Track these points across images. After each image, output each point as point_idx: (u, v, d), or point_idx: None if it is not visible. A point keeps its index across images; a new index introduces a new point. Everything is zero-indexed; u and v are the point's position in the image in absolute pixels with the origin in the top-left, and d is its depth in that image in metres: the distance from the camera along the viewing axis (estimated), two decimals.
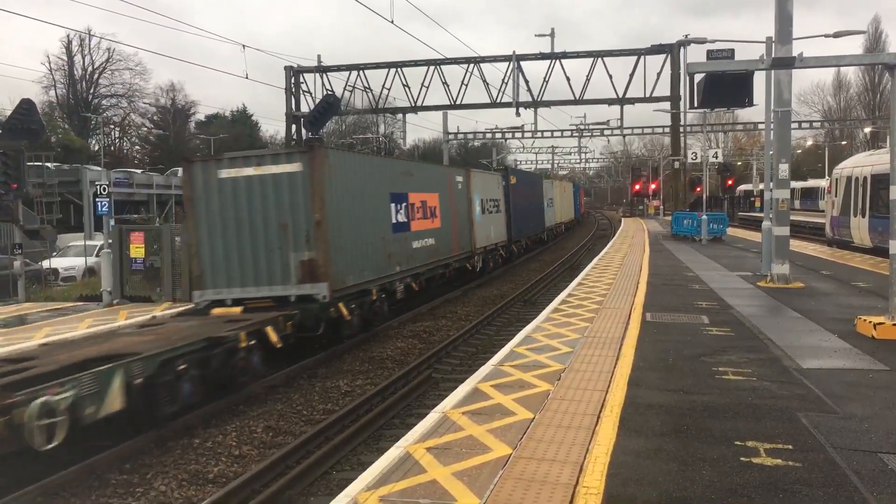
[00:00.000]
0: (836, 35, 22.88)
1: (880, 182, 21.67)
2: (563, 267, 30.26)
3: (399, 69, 45.85)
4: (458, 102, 45.74)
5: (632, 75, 43.02)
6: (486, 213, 27.31)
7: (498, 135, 58.98)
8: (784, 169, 15.61)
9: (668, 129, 50.09)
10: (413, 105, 46.61)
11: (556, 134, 57.75)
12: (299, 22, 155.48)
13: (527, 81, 44.50)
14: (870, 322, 10.24)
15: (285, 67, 47.81)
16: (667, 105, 43.68)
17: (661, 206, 64.60)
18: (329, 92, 46.09)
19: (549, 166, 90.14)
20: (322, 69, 47.61)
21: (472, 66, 44.78)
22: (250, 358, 11.41)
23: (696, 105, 13.45)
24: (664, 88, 43.42)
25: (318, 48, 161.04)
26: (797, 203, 62.15)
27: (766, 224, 18.28)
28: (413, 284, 18.74)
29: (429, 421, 6.75)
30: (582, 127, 58.35)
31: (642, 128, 57.04)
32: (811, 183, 66.43)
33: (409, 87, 46.03)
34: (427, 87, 45.58)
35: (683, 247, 28.22)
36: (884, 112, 66.17)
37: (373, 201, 16.41)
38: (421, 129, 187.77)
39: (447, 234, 22.01)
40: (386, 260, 16.82)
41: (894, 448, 5.84)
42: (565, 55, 44.01)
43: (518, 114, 45.75)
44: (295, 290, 13.69)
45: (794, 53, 14.41)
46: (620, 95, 43.72)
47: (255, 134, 79.05)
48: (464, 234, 24.04)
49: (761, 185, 42.76)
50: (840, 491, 5.04)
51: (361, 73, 46.79)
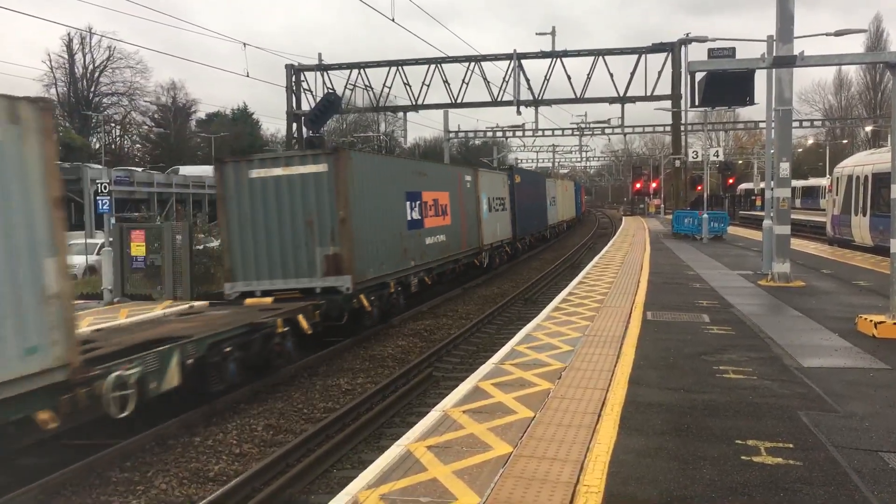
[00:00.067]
0: (838, 34, 22.87)
1: (881, 181, 21.64)
2: (563, 265, 30.26)
3: (400, 67, 45.85)
4: (458, 101, 45.73)
5: (633, 74, 43.03)
6: (492, 211, 28.19)
7: (499, 133, 58.92)
8: (785, 168, 15.60)
9: (668, 128, 50.07)
10: (414, 103, 46.60)
11: (556, 132, 57.76)
12: (299, 21, 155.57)
13: (528, 80, 44.54)
14: (870, 321, 10.24)
15: (286, 66, 47.81)
16: (668, 104, 43.66)
17: (662, 205, 64.60)
18: (330, 90, 46.13)
19: (550, 165, 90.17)
20: (323, 67, 47.60)
21: (472, 64, 44.77)
22: (284, 343, 12.33)
23: (696, 104, 13.42)
24: (665, 87, 43.43)
25: (319, 47, 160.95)
26: (798, 202, 62.11)
27: (766, 223, 18.27)
28: (426, 279, 19.64)
29: (429, 419, 6.75)
30: (583, 125, 58.29)
31: (643, 126, 56.93)
32: (812, 182, 66.39)
33: (410, 86, 46.04)
34: (428, 86, 45.59)
35: (684, 245, 28.21)
36: (885, 111, 66.10)
37: (390, 200, 17.40)
38: (422, 128, 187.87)
39: (457, 231, 22.86)
40: (402, 255, 17.79)
41: (895, 447, 5.84)
42: (566, 54, 44.00)
43: (519, 112, 45.79)
44: (320, 282, 14.67)
45: (796, 52, 14.40)
46: (621, 94, 43.71)
47: (256, 132, 79.06)
48: (472, 231, 24.90)
49: (762, 184, 42.76)
50: (841, 490, 5.04)
51: (362, 71, 46.78)
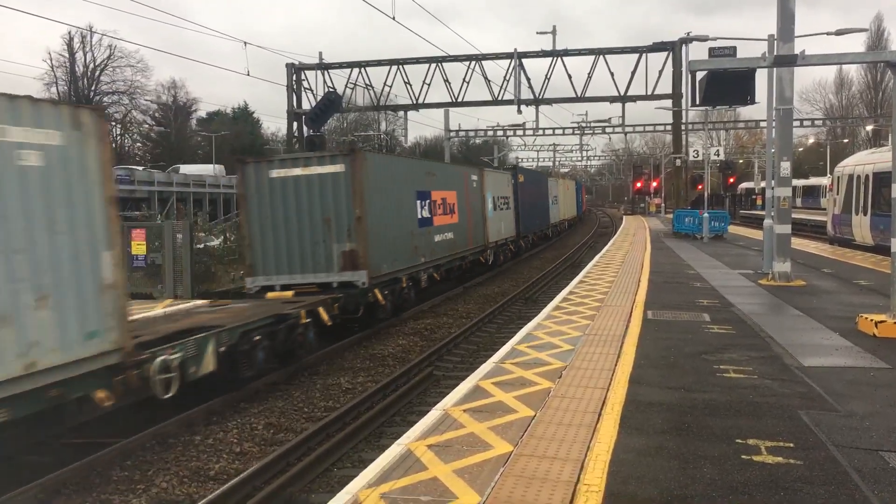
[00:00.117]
0: (838, 33, 22.87)
1: (882, 180, 21.63)
2: (564, 264, 30.27)
3: (400, 66, 45.84)
4: (459, 100, 45.74)
5: (633, 73, 43.03)
6: (497, 210, 28.96)
7: (499, 132, 58.87)
8: (786, 167, 15.59)
9: (669, 127, 50.07)
10: (414, 102, 46.61)
11: (557, 131, 57.78)
12: (300, 20, 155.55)
13: (528, 79, 44.53)
14: (871, 320, 10.23)
15: (287, 65, 47.80)
16: (668, 103, 43.66)
17: (663, 204, 64.57)
18: (330, 89, 46.13)
19: (551, 164, 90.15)
20: (323, 66, 47.60)
21: (473, 63, 44.76)
22: (307, 333, 13.11)
23: (697, 103, 13.39)
24: (666, 86, 43.42)
25: (319, 46, 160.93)
26: (799, 201, 62.04)
27: (767, 222, 18.25)
28: (435, 275, 20.40)
29: (430, 418, 6.75)
30: (583, 124, 58.28)
31: (644, 125, 56.92)
32: (813, 181, 66.31)
33: (411, 85, 46.05)
34: (428, 85, 45.61)
35: (685, 245, 28.20)
36: (885, 110, 66.05)
37: (402, 199, 18.25)
38: (422, 127, 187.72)
39: (464, 229, 23.64)
40: (413, 251, 18.58)
41: (895, 446, 5.84)
42: (567, 53, 43.99)
43: (520, 111, 45.81)
44: (337, 277, 15.37)
45: (796, 51, 14.39)
46: (622, 93, 43.70)
47: (257, 131, 79.03)
48: (478, 229, 25.60)
49: (763, 183, 42.74)
50: (841, 489, 5.03)
51: (363, 70, 46.78)
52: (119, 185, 41.01)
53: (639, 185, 72.57)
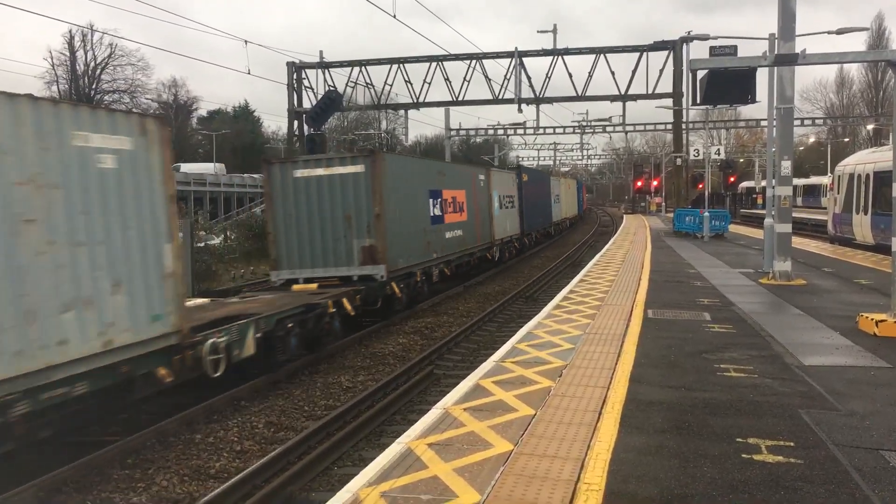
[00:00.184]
0: (839, 32, 22.88)
1: (883, 179, 21.62)
2: (565, 263, 30.27)
3: (401, 65, 45.82)
4: (460, 99, 45.73)
5: (634, 72, 43.02)
6: (503, 209, 29.85)
7: (500, 131, 58.86)
8: (786, 166, 15.58)
9: (670, 126, 50.05)
10: (415, 101, 46.61)
11: (558, 130, 57.76)
12: (300, 20, 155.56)
13: (529, 78, 44.51)
14: (872, 319, 10.22)
15: (287, 63, 47.80)
16: (669, 102, 43.65)
17: (663, 203, 64.54)
18: (331, 88, 46.11)
19: (552, 163, 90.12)
20: (324, 65, 47.59)
21: (474, 62, 44.74)
22: (333, 322, 14.08)
23: (698, 102, 13.35)
24: (666, 85, 43.42)
25: (319, 45, 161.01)
26: (799, 200, 62.04)
27: (768, 221, 18.25)
28: (446, 270, 21.38)
29: (430, 417, 6.75)
30: (584, 123, 58.27)
31: (644, 124, 56.89)
32: (813, 180, 66.30)
33: (411, 84, 46.04)
34: (429, 84, 45.60)
35: (685, 244, 28.19)
36: (886, 109, 66.03)
37: (416, 197, 19.23)
38: (423, 126, 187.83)
39: (472, 227, 24.59)
40: (426, 247, 19.53)
41: None
42: (567, 52, 43.96)
43: (520, 110, 45.80)
44: (357, 270, 16.29)
45: (797, 50, 14.37)
46: (623, 92, 43.69)
47: (258, 130, 79.03)
48: (485, 226, 26.54)
49: (763, 182, 42.72)
50: (842, 488, 5.03)
51: (363, 69, 46.76)
52: None
53: (639, 184, 72.57)
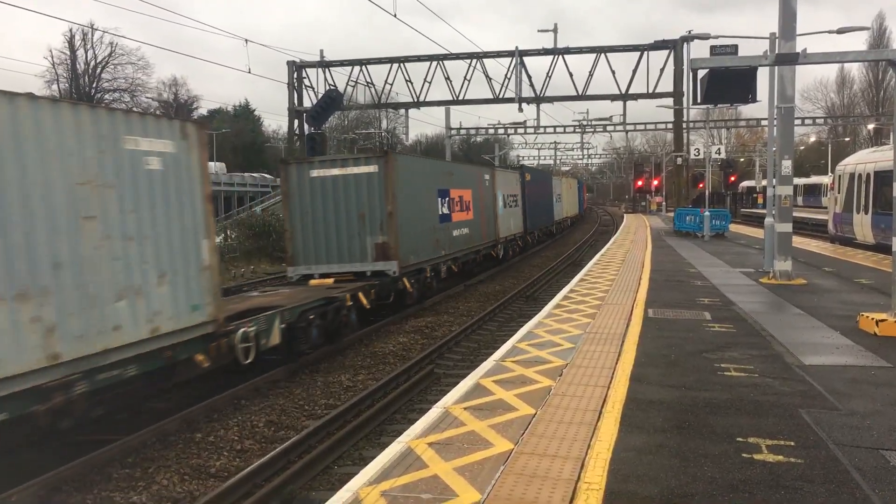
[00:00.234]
0: (840, 31, 22.85)
1: (883, 179, 21.61)
2: (565, 263, 30.27)
3: (401, 64, 45.80)
4: (460, 98, 45.71)
5: (635, 71, 42.99)
6: (507, 208, 30.57)
7: (500, 130, 58.84)
8: (787, 165, 15.56)
9: (670, 126, 50.03)
10: (415, 100, 46.59)
11: (558, 130, 57.68)
12: (299, 19, 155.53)
13: (529, 77, 44.50)
14: (872, 319, 10.22)
15: (288, 62, 47.80)
16: (670, 101, 43.63)
17: (664, 203, 64.53)
18: (332, 87, 46.06)
19: (552, 162, 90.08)
20: (325, 64, 47.57)
21: (474, 61, 44.72)
22: (350, 315, 14.88)
23: (698, 101, 13.34)
24: (667, 84, 43.40)
25: (320, 44, 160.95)
26: (800, 200, 62.03)
27: (768, 220, 18.24)
28: (453, 266, 22.08)
29: (430, 416, 6.75)
30: (584, 123, 58.23)
31: (645, 124, 56.80)
32: (814, 179, 66.28)
33: (412, 83, 46.01)
34: (429, 83, 45.57)
35: (686, 243, 28.18)
36: (887, 109, 66.04)
37: (426, 196, 19.94)
38: (423, 125, 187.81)
39: (478, 225, 25.29)
40: (435, 244, 20.26)
41: None
42: (568, 51, 43.93)
43: (521, 109, 45.78)
44: (371, 266, 16.99)
45: (798, 49, 14.36)
46: (623, 91, 43.67)
47: (258, 129, 78.98)
48: (490, 225, 27.22)
49: (764, 182, 42.70)
50: (842, 488, 5.03)
51: (364, 68, 46.75)
52: None
53: (640, 183, 72.52)
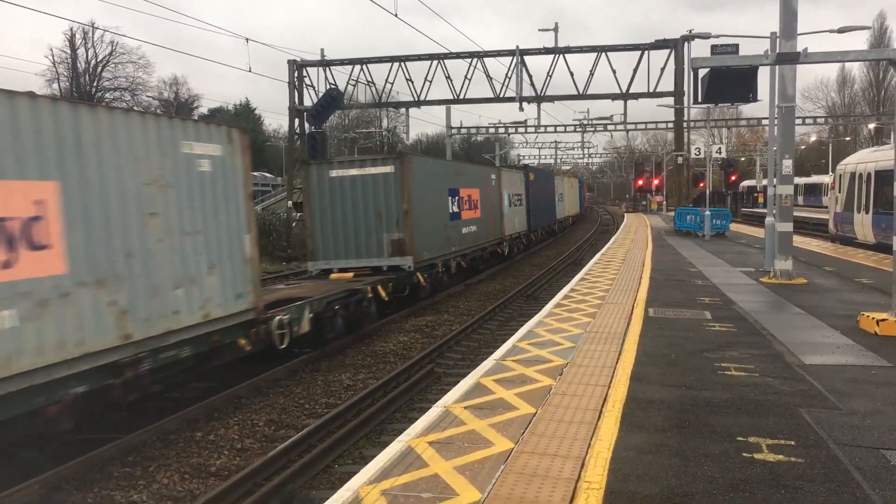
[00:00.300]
0: (841, 31, 22.81)
1: (884, 178, 21.60)
2: (565, 262, 30.27)
3: (402, 63, 45.71)
4: (461, 97, 45.58)
5: (635, 70, 42.83)
6: (512, 206, 31.56)
7: (501, 129, 58.77)
8: (787, 165, 15.55)
9: (671, 125, 49.96)
10: (416, 99, 46.46)
11: (559, 129, 57.50)
12: (299, 18, 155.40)
13: (530, 76, 44.33)
14: (873, 318, 10.22)
15: (288, 61, 47.71)
16: (670, 100, 43.53)
17: (664, 202, 64.49)
18: (332, 86, 46.02)
19: (553, 161, 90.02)
20: (325, 63, 47.51)
21: (475, 60, 44.61)
22: (370, 306, 15.92)
23: (699, 100, 13.34)
24: (668, 84, 43.26)
25: (320, 43, 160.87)
26: (800, 199, 61.95)
27: (769, 220, 18.23)
28: (462, 262, 23.09)
29: (431, 415, 6.75)
30: (585, 122, 58.14)
31: (645, 123, 56.66)
32: (815, 179, 66.21)
33: (412, 82, 45.88)
34: (430, 82, 45.40)
35: (686, 242, 28.18)
36: (888, 108, 66.00)
37: (438, 195, 20.95)
38: (424, 124, 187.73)
39: (485, 223, 26.30)
40: (446, 241, 21.29)
41: None
42: (569, 50, 43.83)
43: (521, 108, 45.56)
44: (387, 261, 18.01)
45: (799, 49, 14.35)
46: (624, 91, 43.57)
47: (259, 128, 78.95)
48: (496, 223, 28.30)
49: (764, 181, 42.65)
50: (842, 487, 5.03)
51: (364, 67, 46.67)
52: None
53: (640, 182, 72.44)
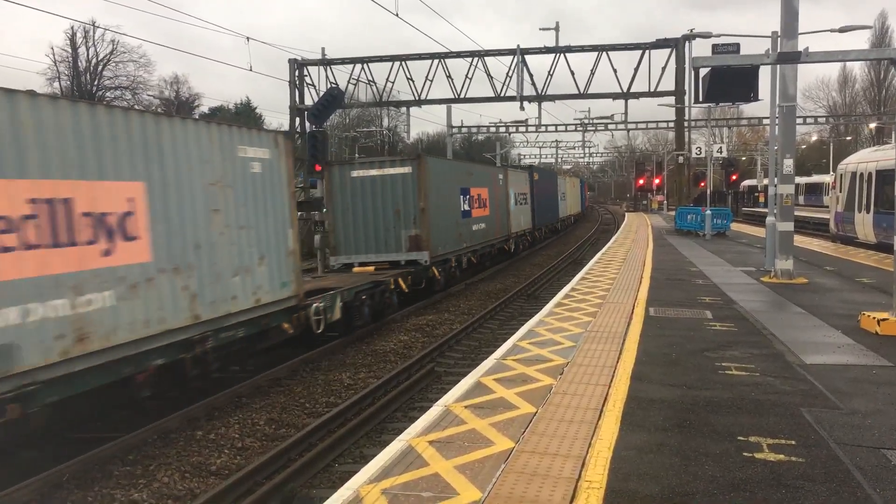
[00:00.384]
0: (842, 30, 22.79)
1: (885, 178, 21.59)
2: (566, 261, 30.26)
3: (403, 62, 45.71)
4: (462, 96, 45.59)
5: (636, 70, 42.84)
6: (517, 205, 32.75)
7: (502, 129, 58.75)
8: (788, 164, 15.54)
9: (672, 124, 49.95)
10: (417, 98, 46.47)
11: (560, 128, 57.50)
12: (299, 16, 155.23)
13: (531, 75, 44.34)
14: (873, 318, 10.21)
15: (289, 60, 47.71)
16: (671, 100, 43.53)
17: (665, 201, 64.47)
18: (333, 85, 45.99)
19: (553, 160, 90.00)
20: (326, 62, 47.50)
21: (476, 59, 44.61)
22: (392, 297, 17.15)
23: (700, 100, 13.33)
24: (669, 83, 43.26)
25: (320, 42, 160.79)
26: (801, 199, 61.91)
27: (769, 219, 18.21)
28: (472, 258, 24.41)
29: (431, 414, 6.75)
30: (586, 121, 58.13)
31: (646, 122, 56.60)
32: (815, 178, 66.16)
33: (413, 81, 45.88)
34: (431, 81, 45.43)
35: (687, 242, 28.17)
36: (889, 108, 65.98)
37: (451, 194, 22.18)
38: (425, 123, 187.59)
39: (493, 221, 27.43)
40: (458, 237, 22.58)
41: None
42: (570, 49, 43.81)
43: (522, 108, 45.58)
44: (405, 256, 19.18)
45: (800, 48, 14.33)
46: (625, 90, 43.57)
47: (259, 127, 78.72)
48: (503, 221, 29.42)
49: (765, 181, 42.63)
50: (843, 487, 5.03)
51: (365, 66, 46.66)
52: None
53: (641, 182, 72.44)
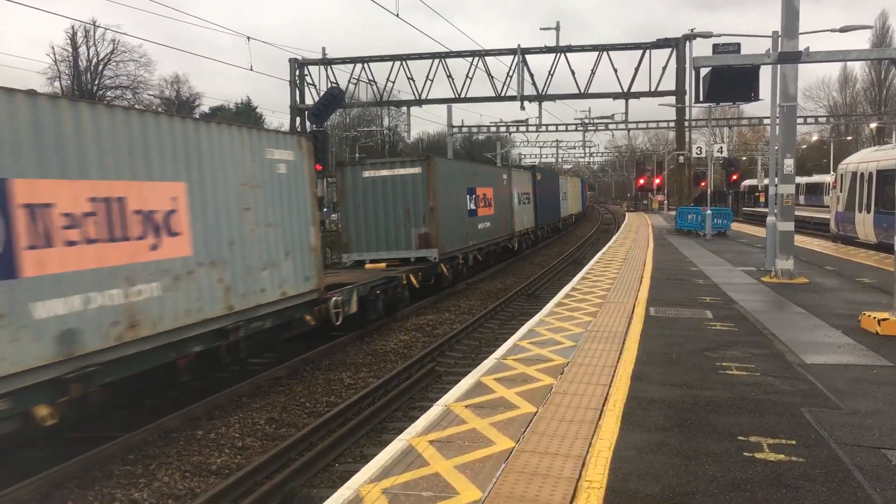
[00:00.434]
0: (843, 30, 22.79)
1: (885, 178, 21.59)
2: (566, 261, 30.26)
3: (403, 62, 45.73)
4: (462, 96, 45.62)
5: (637, 69, 42.87)
6: (521, 204, 33.41)
7: (502, 128, 58.76)
8: (789, 164, 15.54)
9: (672, 124, 49.95)
10: (417, 98, 46.50)
11: (560, 128, 57.51)
12: (300, 16, 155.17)
13: (531, 75, 44.38)
14: (874, 318, 10.20)
15: (290, 60, 47.74)
16: (672, 99, 43.56)
17: (666, 201, 64.47)
18: (333, 85, 46.00)
19: (554, 160, 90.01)
20: (326, 62, 47.51)
21: (476, 59, 44.63)
22: (404, 292, 17.83)
23: (701, 99, 13.32)
24: (669, 83, 43.30)
25: (321, 42, 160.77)
26: (802, 198, 61.92)
27: (770, 219, 18.20)
28: (478, 256, 25.22)
29: (431, 414, 6.75)
30: (587, 121, 58.14)
31: (647, 122, 56.61)
32: (816, 178, 66.15)
33: (414, 80, 45.92)
34: (431, 81, 45.48)
35: (687, 242, 28.16)
36: (890, 107, 65.96)
37: (458, 194, 22.94)
38: (425, 123, 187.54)
39: (498, 220, 28.10)
40: (465, 236, 23.35)
41: None
42: (570, 49, 43.82)
43: (522, 107, 45.63)
44: (415, 253, 19.87)
45: (801, 48, 14.32)
46: (625, 90, 43.59)
47: (260, 126, 78.76)
48: (507, 220, 30.16)
49: (766, 181, 42.65)
50: (843, 487, 5.03)
51: (366, 65, 46.67)
52: None
53: (641, 181, 72.36)
